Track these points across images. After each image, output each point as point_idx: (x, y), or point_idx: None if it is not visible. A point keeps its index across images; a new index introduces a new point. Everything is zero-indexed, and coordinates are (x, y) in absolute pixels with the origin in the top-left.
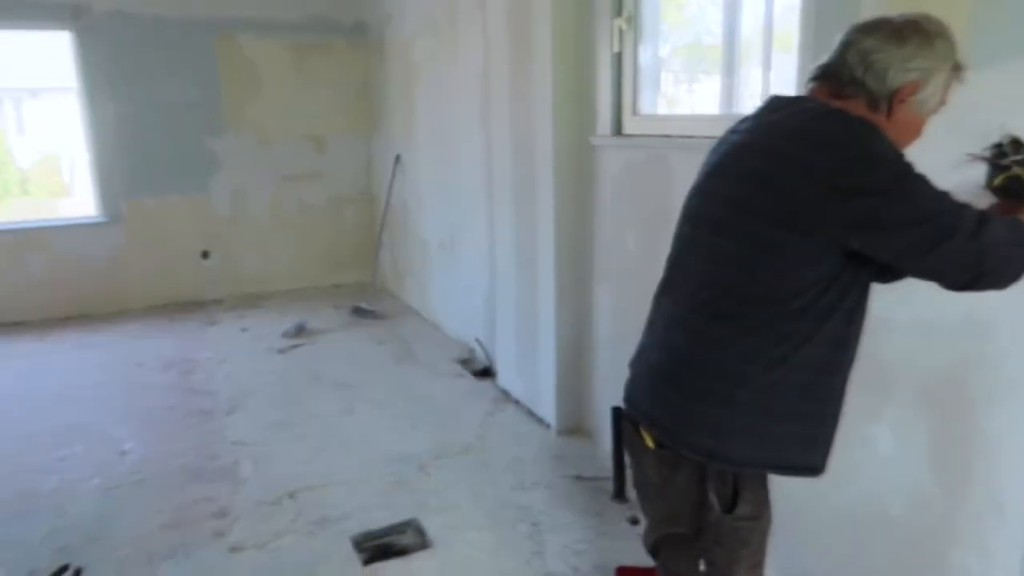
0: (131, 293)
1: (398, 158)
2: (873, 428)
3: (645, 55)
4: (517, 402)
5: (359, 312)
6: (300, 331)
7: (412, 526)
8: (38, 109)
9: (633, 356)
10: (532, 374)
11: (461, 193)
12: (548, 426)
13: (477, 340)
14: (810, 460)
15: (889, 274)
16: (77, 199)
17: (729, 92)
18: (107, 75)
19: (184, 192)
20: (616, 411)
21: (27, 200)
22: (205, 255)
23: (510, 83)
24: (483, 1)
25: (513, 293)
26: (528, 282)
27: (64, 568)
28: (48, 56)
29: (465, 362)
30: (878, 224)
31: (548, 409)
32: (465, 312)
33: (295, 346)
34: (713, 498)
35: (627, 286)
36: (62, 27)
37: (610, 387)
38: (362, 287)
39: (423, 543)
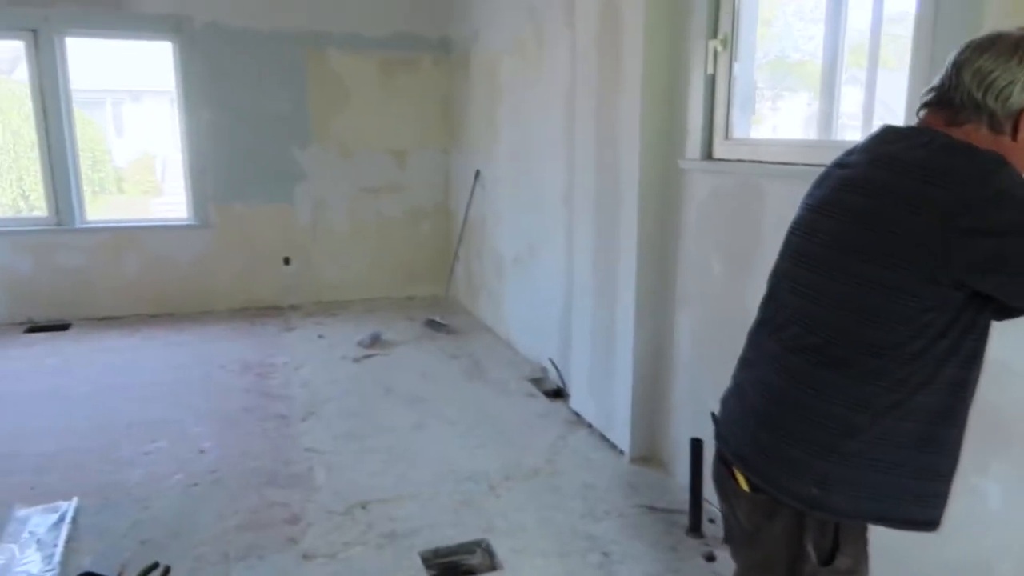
0: (215, 295)
1: (478, 173)
2: (982, 481)
3: (740, 78)
4: (590, 426)
5: (432, 325)
6: (375, 341)
7: (481, 546)
8: (137, 111)
9: (726, 392)
10: (606, 398)
11: (539, 209)
12: (621, 453)
13: (550, 360)
14: (927, 514)
15: (1013, 312)
16: (167, 198)
17: (828, 116)
18: (203, 84)
19: (270, 200)
20: (696, 443)
21: (122, 198)
22: (287, 262)
23: (597, 102)
24: (572, 21)
25: (589, 314)
26: (606, 303)
27: (154, 566)
28: (148, 62)
29: (537, 381)
30: (1005, 265)
31: (622, 435)
32: (538, 330)
33: (369, 356)
34: (811, 549)
35: (710, 313)
36: (165, 38)
37: (688, 416)
38: (435, 300)
39: (491, 565)
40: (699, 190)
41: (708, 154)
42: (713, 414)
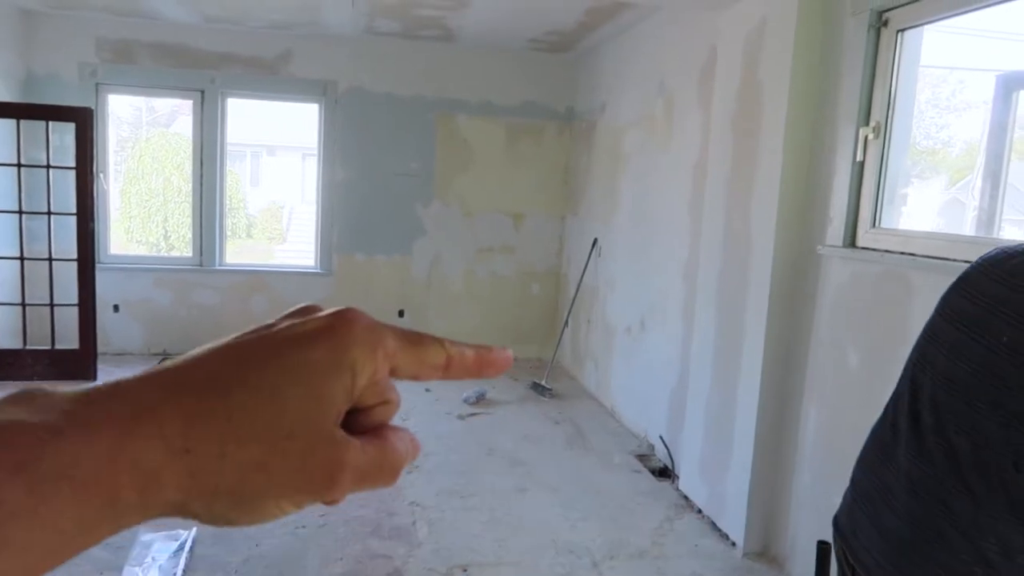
0: None
1: (595, 242)
2: None
3: (891, 167)
4: (699, 511)
5: (537, 389)
6: (480, 399)
7: None
8: (271, 165)
9: (853, 499)
10: (719, 484)
11: (656, 282)
12: (733, 544)
13: (660, 438)
14: None
15: None
16: (289, 245)
17: (991, 212)
18: (341, 142)
19: (390, 253)
20: (823, 548)
21: (250, 242)
22: (400, 314)
23: (728, 180)
24: (706, 99)
25: (706, 394)
26: (726, 386)
27: None
28: (286, 121)
29: (643, 458)
30: None
31: (735, 526)
32: (646, 405)
33: (474, 414)
34: None
35: (844, 408)
36: (313, 100)
37: (811, 514)
38: (540, 363)
39: None
40: (838, 277)
41: (851, 242)
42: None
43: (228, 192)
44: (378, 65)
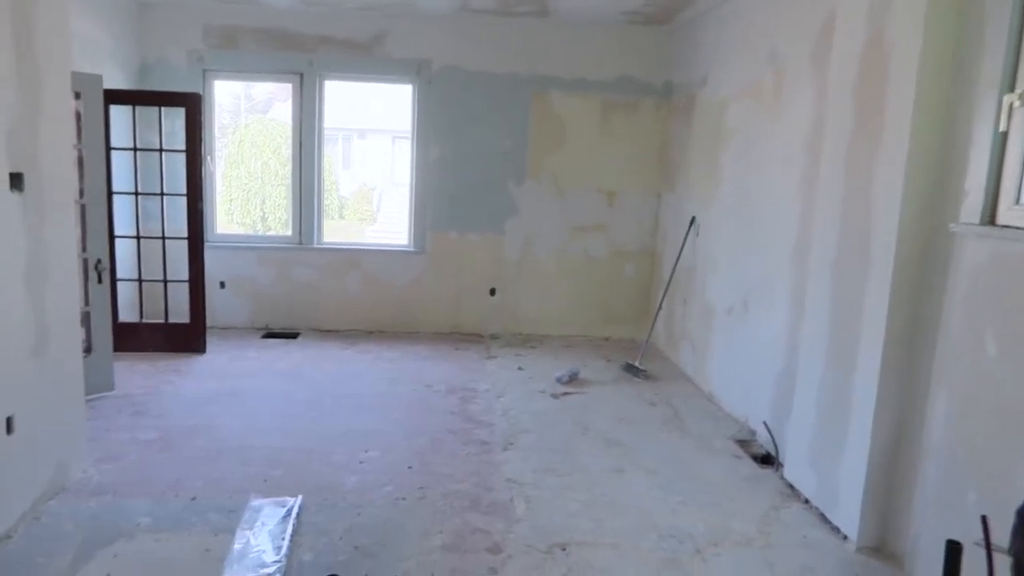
0: (423, 318)
1: (693, 220)
2: None
3: None
4: (806, 501)
5: (630, 370)
6: (573, 378)
7: None
8: (361, 148)
9: None
10: (831, 474)
11: (760, 262)
12: (844, 538)
13: (764, 423)
14: None
15: None
16: (379, 226)
17: None
18: (435, 122)
19: (483, 231)
20: (953, 547)
21: (342, 223)
22: (492, 292)
23: (848, 153)
24: (822, 65)
25: (818, 380)
26: (841, 371)
27: None
28: (376, 104)
29: (744, 443)
30: None
31: (848, 518)
32: (748, 389)
33: (567, 393)
34: None
35: (979, 397)
36: (407, 80)
37: (939, 511)
38: (632, 344)
39: None
40: (974, 257)
41: (991, 219)
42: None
43: (324, 169)
44: (472, 43)
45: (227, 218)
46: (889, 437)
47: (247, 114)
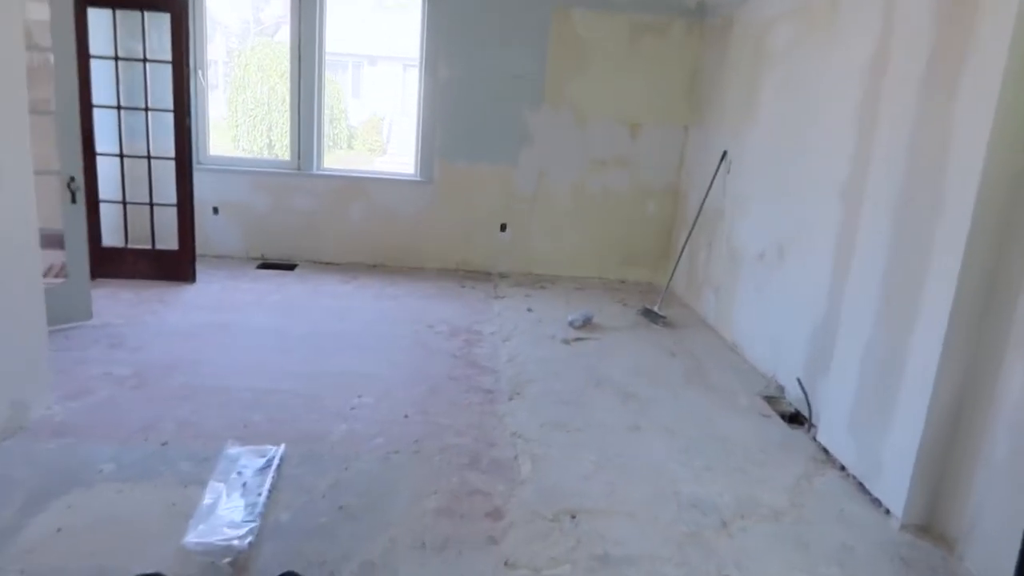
0: (429, 252)
1: (724, 155)
2: None
3: None
4: (842, 468)
5: (648, 315)
6: (586, 323)
7: None
8: (372, 75)
9: None
10: (875, 441)
11: (801, 202)
12: (887, 512)
13: (798, 380)
14: None
15: None
16: (388, 158)
17: None
18: (445, 43)
19: (494, 162)
20: None
21: (351, 153)
22: (503, 228)
23: (922, 79)
24: None
25: (865, 336)
26: (896, 329)
27: None
28: (388, 29)
29: (772, 400)
30: None
31: (893, 492)
32: (778, 342)
33: (580, 339)
34: None
35: None
36: None
37: (1008, 491)
38: (650, 288)
39: None
40: None
41: None
42: None
43: (327, 98)
44: None
45: (233, 145)
46: (950, 405)
47: (255, 37)
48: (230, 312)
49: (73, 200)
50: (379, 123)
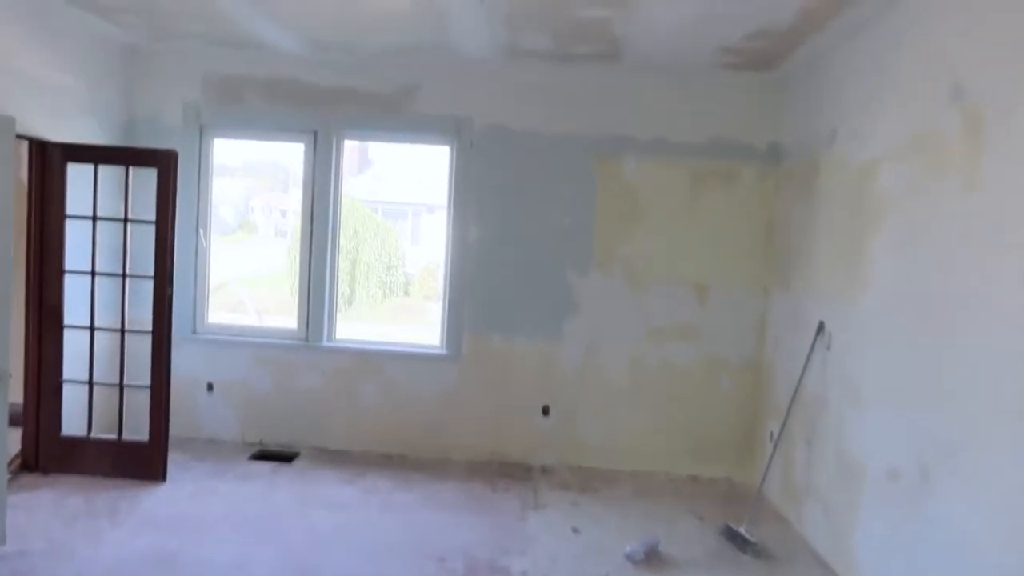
0: (456, 440)
1: (821, 327)
2: None
3: None
4: None
5: (734, 539)
6: (650, 554)
7: None
8: (430, 223)
9: None
10: None
11: (951, 403)
12: None
13: None
14: None
15: None
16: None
17: None
18: (476, 194)
19: (533, 336)
20: None
21: (407, 299)
22: (545, 412)
23: None
24: None
25: None
26: None
27: None
28: (440, 177)
29: None
30: None
31: None
32: None
33: None
34: None
35: None
36: (443, 142)
37: None
38: (730, 488)
39: None
40: None
41: None
42: None
43: (385, 248)
44: (523, 96)
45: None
46: None
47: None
48: (187, 533)
49: None
50: (435, 270)
